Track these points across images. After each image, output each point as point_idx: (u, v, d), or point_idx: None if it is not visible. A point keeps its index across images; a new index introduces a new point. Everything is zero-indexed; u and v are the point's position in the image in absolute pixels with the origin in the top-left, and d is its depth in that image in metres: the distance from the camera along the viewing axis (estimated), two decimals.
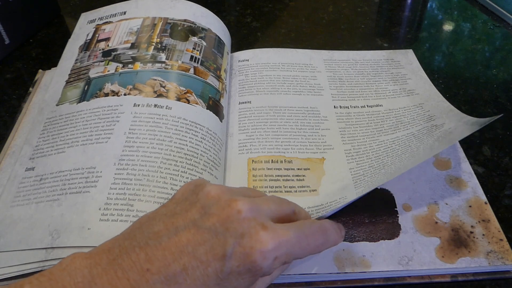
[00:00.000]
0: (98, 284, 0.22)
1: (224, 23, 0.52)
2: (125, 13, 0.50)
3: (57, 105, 0.43)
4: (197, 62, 0.45)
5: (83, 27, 0.51)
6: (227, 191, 0.27)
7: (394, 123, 0.45)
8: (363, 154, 0.42)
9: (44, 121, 0.42)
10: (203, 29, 0.49)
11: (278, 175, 0.40)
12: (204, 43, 0.48)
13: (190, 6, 0.50)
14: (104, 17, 0.51)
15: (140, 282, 0.23)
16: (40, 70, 0.51)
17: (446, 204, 0.37)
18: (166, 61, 0.44)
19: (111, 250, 0.24)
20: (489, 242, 0.34)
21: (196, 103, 0.42)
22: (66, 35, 0.58)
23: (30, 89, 0.49)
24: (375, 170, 0.39)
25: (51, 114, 0.42)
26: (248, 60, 0.52)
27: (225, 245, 0.24)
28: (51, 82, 0.46)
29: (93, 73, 0.44)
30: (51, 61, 0.54)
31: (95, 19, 0.51)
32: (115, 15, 0.50)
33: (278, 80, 0.49)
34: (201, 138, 0.40)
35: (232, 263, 0.24)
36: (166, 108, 0.40)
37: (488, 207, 0.37)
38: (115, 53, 0.46)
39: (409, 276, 0.33)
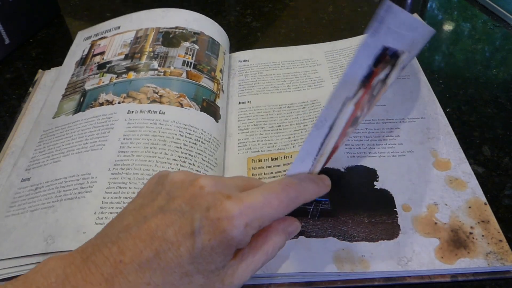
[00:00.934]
0: (72, 282, 0.22)
1: (224, 23, 0.52)
2: (119, 27, 0.51)
3: (53, 118, 0.43)
4: (190, 66, 0.46)
5: (79, 44, 0.52)
6: (191, 174, 0.27)
7: None
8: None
9: (40, 134, 0.42)
10: (195, 33, 0.49)
11: (278, 172, 0.40)
12: (197, 47, 0.48)
13: (181, 13, 0.51)
14: (100, 33, 0.52)
15: (114, 274, 0.23)
16: (40, 70, 0.51)
17: (446, 204, 0.37)
18: (159, 68, 0.45)
19: (85, 250, 0.24)
20: (488, 243, 0.34)
21: (190, 106, 0.42)
22: (66, 35, 0.59)
23: (30, 89, 0.49)
24: None
25: (47, 127, 0.43)
26: (248, 61, 0.52)
27: (192, 221, 0.24)
28: (48, 96, 0.47)
29: (88, 86, 0.45)
30: (51, 61, 0.54)
31: (91, 35, 0.52)
32: (109, 30, 0.51)
33: (278, 79, 0.49)
34: (195, 140, 0.40)
35: (202, 238, 0.23)
36: (159, 113, 0.41)
37: (488, 208, 0.37)
38: (109, 65, 0.46)
39: (409, 276, 0.33)
